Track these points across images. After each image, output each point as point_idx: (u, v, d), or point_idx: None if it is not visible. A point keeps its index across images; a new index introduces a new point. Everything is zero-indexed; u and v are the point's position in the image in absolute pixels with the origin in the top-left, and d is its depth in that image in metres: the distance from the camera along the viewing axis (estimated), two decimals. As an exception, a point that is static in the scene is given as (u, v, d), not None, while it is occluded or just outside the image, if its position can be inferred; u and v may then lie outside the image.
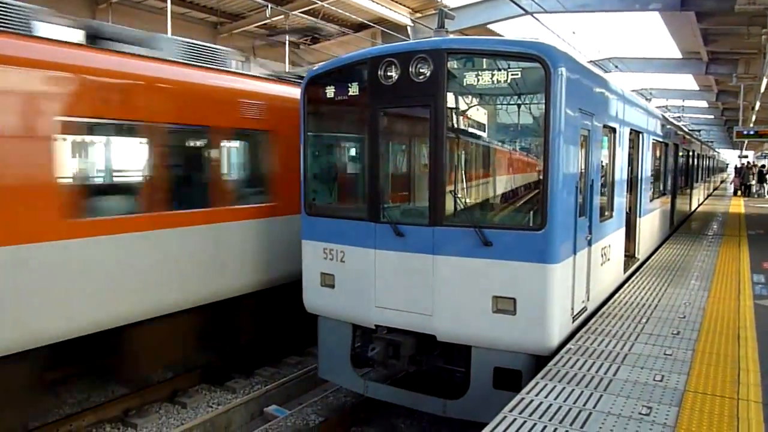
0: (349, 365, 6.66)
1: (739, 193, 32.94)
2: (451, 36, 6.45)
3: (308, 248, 6.84)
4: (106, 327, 6.38)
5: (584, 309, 6.31)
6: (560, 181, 5.35)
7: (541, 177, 5.37)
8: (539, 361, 5.41)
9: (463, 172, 6.15)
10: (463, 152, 6.18)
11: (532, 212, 5.65)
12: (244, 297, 8.08)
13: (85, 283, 6.11)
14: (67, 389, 7.52)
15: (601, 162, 6.88)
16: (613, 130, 7.29)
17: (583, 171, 6.10)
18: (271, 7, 15.73)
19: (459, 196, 5.94)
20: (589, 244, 6.34)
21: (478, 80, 5.65)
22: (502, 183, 6.24)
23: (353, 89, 6.41)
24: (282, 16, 17.86)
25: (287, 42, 19.24)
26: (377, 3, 17.47)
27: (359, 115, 6.39)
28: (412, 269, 5.91)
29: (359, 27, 20.01)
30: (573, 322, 5.92)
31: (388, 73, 5.95)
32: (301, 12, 18.24)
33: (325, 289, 6.64)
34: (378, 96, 6.06)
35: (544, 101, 5.29)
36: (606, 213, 7.18)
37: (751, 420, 4.00)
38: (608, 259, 7.25)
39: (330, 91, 6.62)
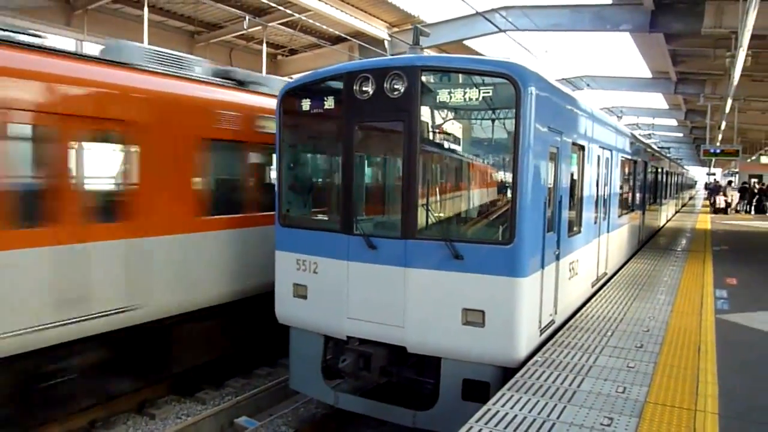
0: (320, 376, 6.66)
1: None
2: (426, 52, 6.59)
3: (281, 259, 6.85)
4: None
5: (552, 322, 6.43)
6: (529, 196, 5.47)
7: (510, 192, 5.50)
8: (507, 373, 5.49)
9: (435, 186, 6.25)
10: (435, 167, 6.29)
11: (501, 227, 5.76)
12: None
13: None
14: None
15: (570, 178, 7.02)
16: (582, 147, 7.46)
17: (551, 187, 6.24)
18: (249, 19, 15.79)
19: (431, 209, 6.03)
20: (557, 258, 6.48)
21: (451, 97, 5.79)
22: (473, 197, 6.35)
23: (329, 103, 6.49)
24: (259, 27, 17.92)
25: (264, 52, 19.29)
26: (355, 17, 17.66)
27: (334, 128, 6.47)
28: (384, 281, 5.97)
29: (336, 40, 20.16)
30: (540, 335, 6.03)
31: (363, 88, 6.05)
32: (278, 23, 18.33)
33: (298, 300, 6.67)
34: (353, 110, 6.14)
35: (514, 119, 5.43)
36: (574, 228, 7.34)
37: (707, 430, 4.14)
38: (576, 274, 7.40)
39: (306, 104, 6.69)
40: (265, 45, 19.39)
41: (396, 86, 5.87)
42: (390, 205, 6.56)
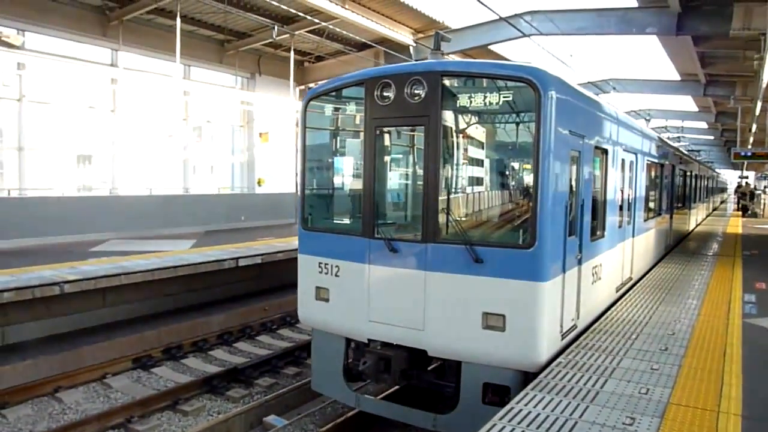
0: (341, 378, 6.74)
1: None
2: (452, 57, 6.68)
3: (304, 262, 6.95)
4: None
5: (574, 327, 6.43)
6: (550, 201, 5.48)
7: (531, 197, 5.53)
8: (527, 378, 5.49)
9: (456, 190, 6.29)
10: (456, 171, 6.32)
11: (522, 231, 5.75)
12: None
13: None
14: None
15: (593, 183, 7.01)
16: (605, 151, 7.44)
17: (573, 191, 6.26)
18: (277, 28, 16.10)
19: (452, 213, 6.04)
20: (579, 263, 6.47)
21: (471, 102, 5.86)
22: (494, 201, 6.39)
23: (351, 108, 6.65)
24: (287, 35, 18.26)
25: (292, 60, 19.64)
26: (380, 24, 17.87)
27: (356, 133, 6.61)
28: (404, 285, 6.03)
29: (362, 46, 20.41)
30: (562, 339, 6.03)
31: (385, 94, 6.15)
32: (305, 31, 18.65)
33: (320, 303, 6.76)
34: (374, 115, 6.25)
35: (534, 123, 5.45)
36: (598, 232, 7.32)
37: (729, 431, 4.18)
38: (599, 278, 7.39)
39: (328, 110, 6.86)
40: (292, 52, 19.76)
41: (417, 91, 5.96)
42: (411, 209, 6.63)
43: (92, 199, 18.12)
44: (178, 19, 16.09)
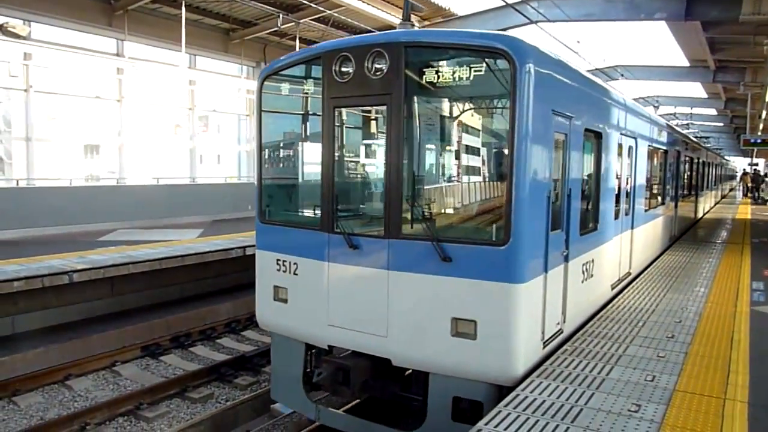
0: (300, 388, 6.18)
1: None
2: (416, 28, 5.96)
3: (261, 259, 6.35)
4: None
5: (559, 332, 5.79)
6: (527, 190, 4.81)
7: (505, 186, 4.85)
8: (503, 392, 4.88)
9: (422, 178, 5.55)
10: (422, 156, 5.69)
11: (495, 225, 5.05)
12: None
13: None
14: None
15: (583, 170, 6.38)
16: (599, 134, 6.75)
17: (558, 180, 5.62)
18: (282, 16, 16.03)
19: (418, 204, 5.32)
20: (566, 259, 5.84)
21: (439, 77, 5.11)
22: (465, 191, 5.75)
23: (308, 86, 6.05)
24: (292, 24, 18.18)
25: (297, 48, 19.54)
26: (385, 11, 17.75)
27: (314, 113, 5.98)
28: (366, 285, 5.43)
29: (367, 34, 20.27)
30: (544, 347, 5.38)
31: (344, 69, 5.46)
32: (311, 20, 18.55)
33: (278, 304, 6.15)
34: (332, 94, 5.58)
35: (509, 100, 4.76)
36: (589, 225, 6.73)
37: (736, 418, 4.18)
38: (591, 276, 6.72)
39: (285, 89, 6.30)
40: (298, 41, 19.68)
41: (378, 66, 5.25)
42: (373, 200, 5.97)
43: (100, 188, 18.30)
44: (183, 8, 16.05)
